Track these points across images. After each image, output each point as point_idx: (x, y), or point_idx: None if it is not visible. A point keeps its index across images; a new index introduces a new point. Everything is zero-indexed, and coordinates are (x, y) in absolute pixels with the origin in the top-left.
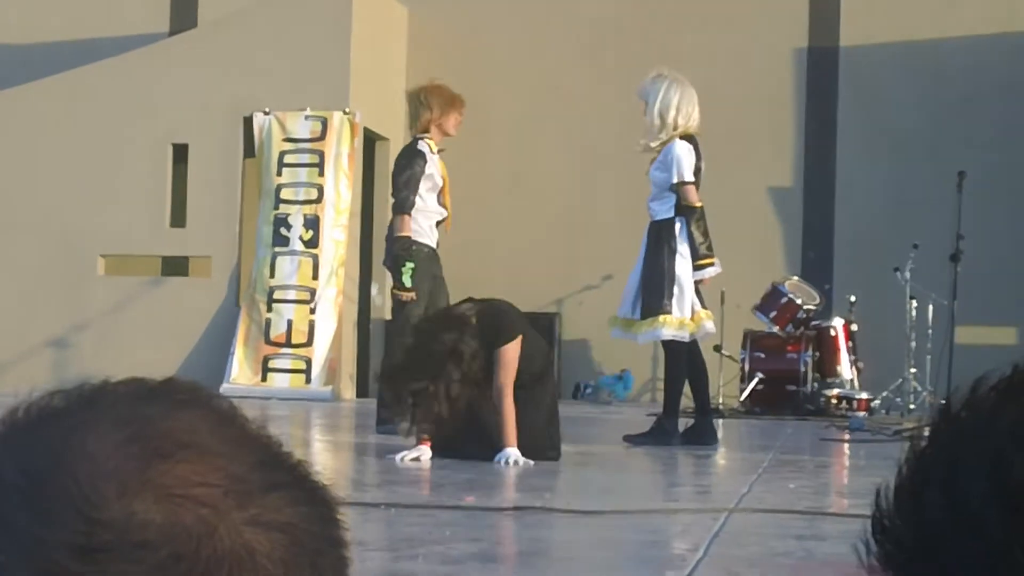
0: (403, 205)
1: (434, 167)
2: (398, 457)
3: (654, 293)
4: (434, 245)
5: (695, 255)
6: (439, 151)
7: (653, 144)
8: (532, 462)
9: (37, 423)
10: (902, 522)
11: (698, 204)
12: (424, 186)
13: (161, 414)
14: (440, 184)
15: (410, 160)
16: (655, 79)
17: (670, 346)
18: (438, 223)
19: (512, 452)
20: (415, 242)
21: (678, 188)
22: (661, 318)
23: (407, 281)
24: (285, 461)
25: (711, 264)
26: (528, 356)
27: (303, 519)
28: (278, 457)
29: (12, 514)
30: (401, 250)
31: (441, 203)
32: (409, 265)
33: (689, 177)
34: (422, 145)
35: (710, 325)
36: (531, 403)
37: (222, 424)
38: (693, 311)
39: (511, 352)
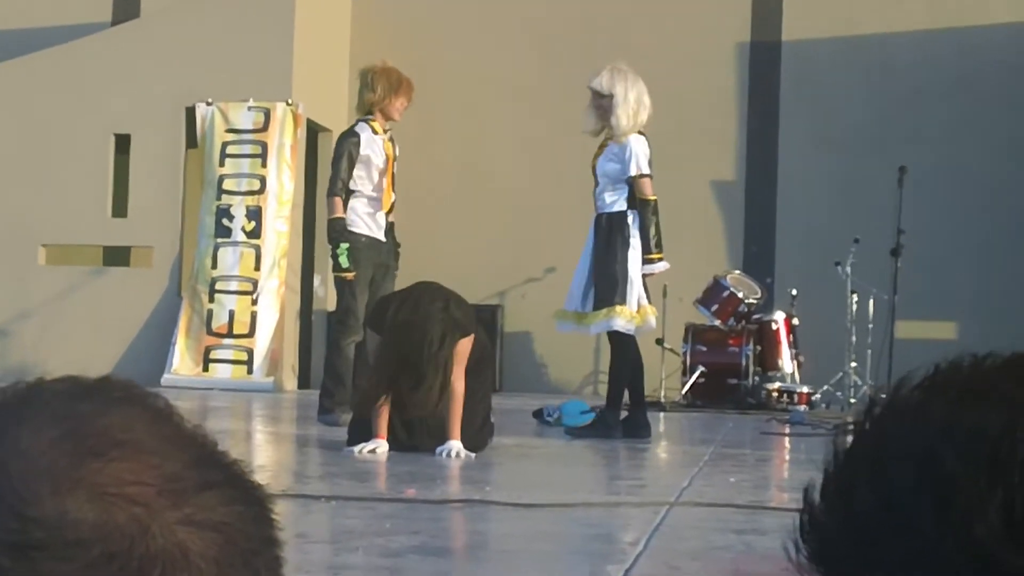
0: (331, 187)
1: (372, 149)
2: (356, 450)
3: (608, 284)
4: (374, 233)
5: (646, 249)
6: (386, 132)
7: (612, 133)
8: (473, 454)
9: None
10: (831, 518)
11: (653, 198)
12: (359, 169)
13: (96, 412)
14: (381, 166)
15: (342, 142)
16: (617, 72)
17: (618, 339)
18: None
19: (455, 444)
20: (350, 232)
21: (635, 180)
22: (618, 308)
23: (343, 261)
24: (220, 460)
25: (661, 259)
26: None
27: (237, 518)
28: (213, 456)
29: None
30: (333, 232)
31: (382, 185)
32: (344, 245)
33: (647, 170)
34: (360, 126)
35: (652, 321)
36: (470, 395)
37: (157, 422)
38: (640, 305)
39: (465, 347)
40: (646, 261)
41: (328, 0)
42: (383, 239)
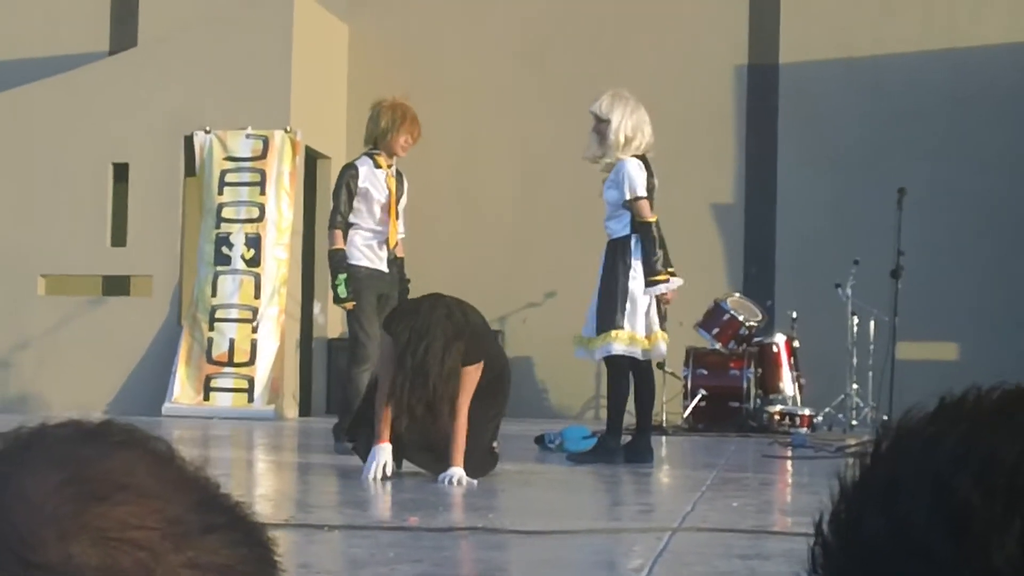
0: (331, 220)
1: (372, 183)
2: (369, 475)
3: (608, 309)
4: (375, 265)
5: (649, 271)
6: (390, 167)
7: (608, 159)
8: (476, 481)
9: None
10: (841, 547)
11: (651, 219)
12: (358, 202)
13: (98, 456)
14: (382, 200)
15: (341, 174)
16: (618, 98)
17: (614, 362)
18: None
19: (457, 471)
20: (350, 264)
21: (631, 204)
22: (613, 333)
23: (342, 292)
24: (223, 503)
25: (664, 280)
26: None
27: (240, 561)
28: (216, 498)
29: None
30: (332, 263)
31: (383, 219)
32: (341, 276)
33: (642, 192)
34: (362, 160)
35: (663, 347)
36: (477, 419)
37: (159, 465)
38: (650, 331)
39: (473, 374)
40: (649, 283)
41: (326, 27)
42: (385, 270)
